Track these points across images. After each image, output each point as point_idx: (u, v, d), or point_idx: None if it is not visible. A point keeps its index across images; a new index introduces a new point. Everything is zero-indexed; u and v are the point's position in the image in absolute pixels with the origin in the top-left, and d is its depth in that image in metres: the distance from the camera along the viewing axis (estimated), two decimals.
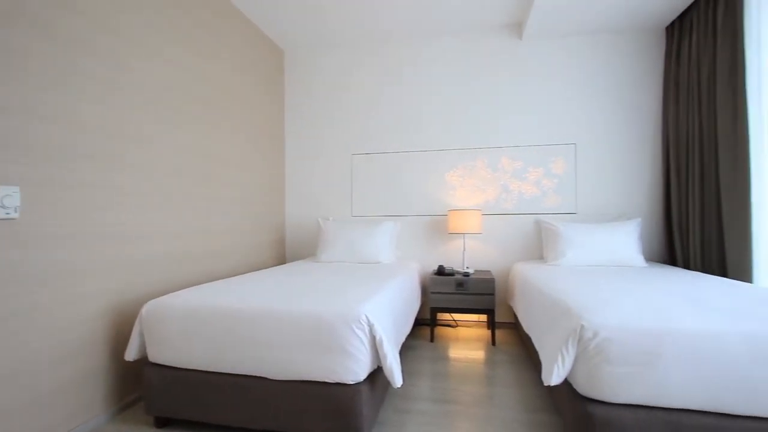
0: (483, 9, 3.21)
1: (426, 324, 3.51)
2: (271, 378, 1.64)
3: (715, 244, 2.61)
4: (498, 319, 3.45)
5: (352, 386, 1.56)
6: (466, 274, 3.11)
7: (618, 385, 1.39)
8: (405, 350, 2.87)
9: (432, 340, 3.12)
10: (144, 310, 1.80)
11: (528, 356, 2.73)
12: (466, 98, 3.57)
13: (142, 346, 1.84)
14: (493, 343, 3.03)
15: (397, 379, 1.59)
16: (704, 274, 2.44)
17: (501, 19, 3.39)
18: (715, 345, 1.33)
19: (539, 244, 3.40)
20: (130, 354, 1.84)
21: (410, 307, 2.64)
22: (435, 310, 3.11)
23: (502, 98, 3.51)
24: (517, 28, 3.48)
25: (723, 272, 2.54)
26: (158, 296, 2.23)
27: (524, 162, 3.45)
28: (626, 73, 3.32)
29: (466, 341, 3.12)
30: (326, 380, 1.57)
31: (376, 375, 1.72)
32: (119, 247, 2.03)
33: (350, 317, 1.56)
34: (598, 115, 3.35)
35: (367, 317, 1.57)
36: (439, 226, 3.60)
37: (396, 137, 3.71)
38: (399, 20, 3.38)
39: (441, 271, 3.19)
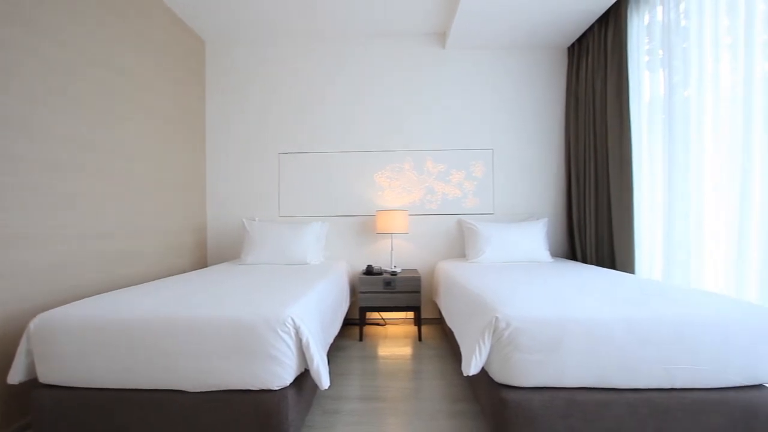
0: (409, 17, 3.33)
1: (355, 324, 3.53)
2: (189, 390, 1.54)
3: (606, 241, 2.99)
4: (424, 315, 3.59)
5: (277, 392, 1.53)
6: (394, 273, 3.19)
7: (527, 370, 1.53)
8: (334, 351, 2.87)
9: (361, 339, 3.16)
10: (32, 324, 1.58)
11: (451, 349, 2.88)
12: (394, 101, 3.67)
13: (31, 366, 1.61)
14: (420, 338, 3.15)
15: (324, 381, 1.59)
16: (598, 267, 2.78)
17: (426, 28, 3.54)
18: (604, 330, 1.53)
19: (461, 243, 3.61)
20: (15, 376, 1.59)
21: (339, 307, 2.64)
22: (364, 310, 3.15)
23: (428, 103, 3.66)
24: (441, 37, 3.65)
25: (612, 265, 2.92)
26: (51, 308, 1.97)
27: (447, 165, 3.63)
28: (536, 86, 3.65)
29: (395, 338, 3.20)
30: (250, 388, 1.52)
31: (303, 378, 1.70)
32: (1, 252, 1.75)
33: (275, 321, 1.52)
34: (512, 123, 3.65)
35: (293, 320, 1.54)
36: (368, 227, 3.65)
37: (325, 137, 3.68)
38: (328, 20, 3.36)
39: (369, 271, 3.23)
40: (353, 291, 3.43)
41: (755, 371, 1.54)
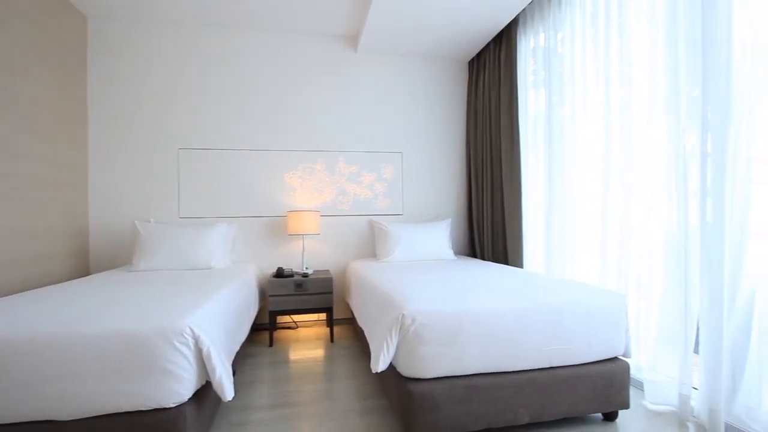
0: (323, 16, 3.31)
1: (265, 328, 3.40)
2: (64, 420, 1.35)
3: (501, 239, 3.31)
4: (337, 316, 3.60)
5: (173, 409, 1.41)
6: (305, 275, 3.15)
7: (431, 362, 1.63)
8: (242, 359, 2.73)
9: (271, 344, 3.05)
10: None
11: (363, 348, 2.93)
12: (306, 100, 3.61)
13: None
14: (332, 340, 3.15)
15: (228, 392, 1.51)
16: (494, 263, 3.07)
17: (339, 30, 3.55)
18: (497, 319, 1.70)
19: (373, 243, 3.70)
20: None
21: (246, 313, 2.52)
22: (274, 313, 3.05)
23: (340, 105, 3.68)
24: (353, 40, 3.70)
25: (506, 261, 3.24)
26: None
27: (359, 166, 3.69)
28: (442, 94, 3.90)
29: (306, 341, 3.16)
30: (140, 408, 1.38)
31: (205, 391, 1.59)
32: None
33: (171, 331, 1.40)
34: (420, 128, 3.84)
35: (191, 330, 1.44)
36: (279, 228, 3.54)
37: (232, 133, 3.48)
38: (237, 10, 3.19)
39: (280, 273, 3.14)
40: (263, 295, 3.31)
41: (612, 347, 1.85)
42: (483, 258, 3.58)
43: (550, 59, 2.80)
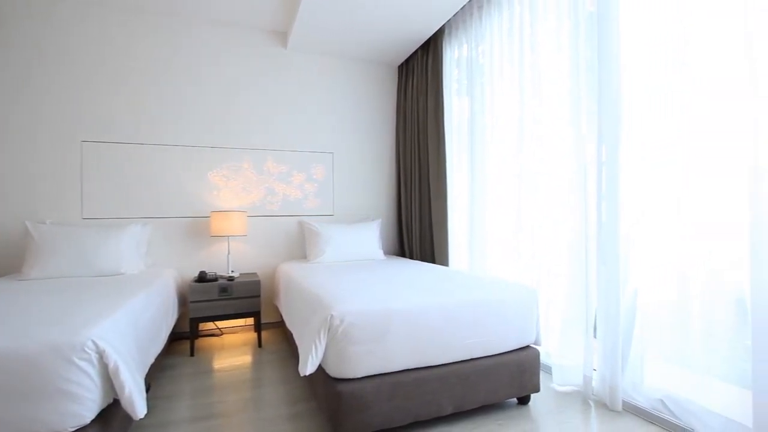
0: (251, 8, 3.18)
1: (186, 337, 3.18)
2: None
3: (428, 239, 3.45)
4: (265, 320, 3.47)
5: None
6: (231, 278, 3.00)
7: (360, 361, 1.65)
8: (158, 372, 2.52)
9: (192, 354, 2.86)
10: None
11: (292, 352, 2.87)
12: (232, 96, 3.43)
13: None
14: (260, 345, 3.04)
15: (139, 409, 1.39)
16: (421, 262, 3.19)
17: (268, 24, 3.44)
18: (423, 316, 1.77)
19: (303, 244, 3.63)
20: None
21: (163, 321, 2.34)
22: (196, 321, 2.86)
23: (270, 102, 3.56)
24: (283, 36, 3.60)
25: (433, 260, 3.38)
26: None
27: (289, 166, 3.61)
28: (374, 97, 3.95)
29: (232, 348, 3.01)
30: None
31: (113, 410, 1.45)
32: None
33: (69, 347, 1.25)
34: (351, 129, 3.86)
35: (95, 344, 1.30)
36: (201, 229, 3.33)
37: (147, 126, 3.19)
38: None
39: (203, 278, 2.96)
40: (183, 301, 3.08)
41: (525, 336, 2.02)
42: (412, 257, 3.69)
43: (472, 69, 2.97)
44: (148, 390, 2.13)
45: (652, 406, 1.88)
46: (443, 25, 3.22)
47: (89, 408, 1.28)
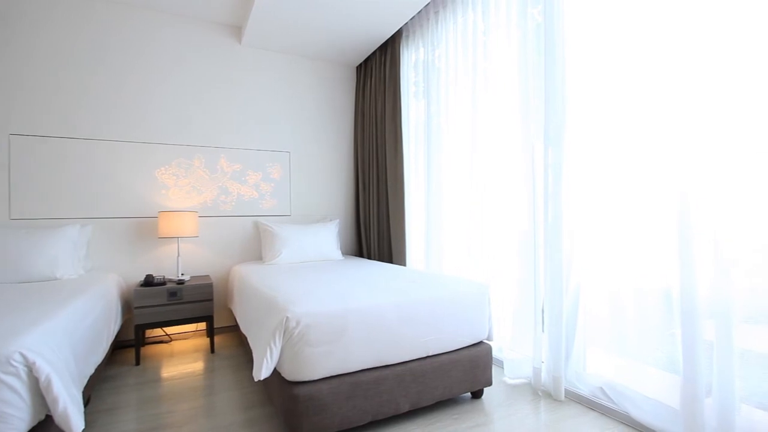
0: (203, 0, 3.05)
1: (131, 345, 2.99)
2: None
3: (386, 239, 3.48)
4: (219, 324, 3.35)
5: None
6: (181, 282, 2.87)
7: (317, 363, 1.63)
8: (99, 383, 2.36)
9: (138, 363, 2.69)
10: None
11: (247, 356, 2.79)
12: (182, 90, 3.27)
13: None
14: (213, 350, 2.93)
15: (75, 425, 1.29)
16: (379, 262, 3.21)
17: (222, 17, 3.31)
18: (379, 315, 1.78)
19: (258, 245, 3.53)
20: None
21: (104, 329, 2.19)
22: (142, 327, 2.70)
23: (224, 98, 3.43)
24: (237, 31, 3.48)
25: (391, 259, 3.41)
26: None
27: (243, 165, 3.50)
28: (332, 96, 3.92)
29: (183, 355, 2.87)
30: None
31: (45, 427, 1.34)
32: None
33: None
34: (309, 129, 3.81)
35: (23, 356, 1.20)
36: (148, 230, 3.15)
37: (88, 120, 2.96)
38: None
39: (149, 282, 2.80)
40: (128, 307, 2.90)
41: (478, 332, 2.09)
42: (370, 257, 3.70)
43: (429, 72, 3.03)
44: (87, 403, 1.99)
45: (592, 393, 2.01)
46: (401, 28, 3.26)
47: (16, 427, 1.18)
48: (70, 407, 1.28)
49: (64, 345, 1.48)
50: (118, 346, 2.96)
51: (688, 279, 1.57)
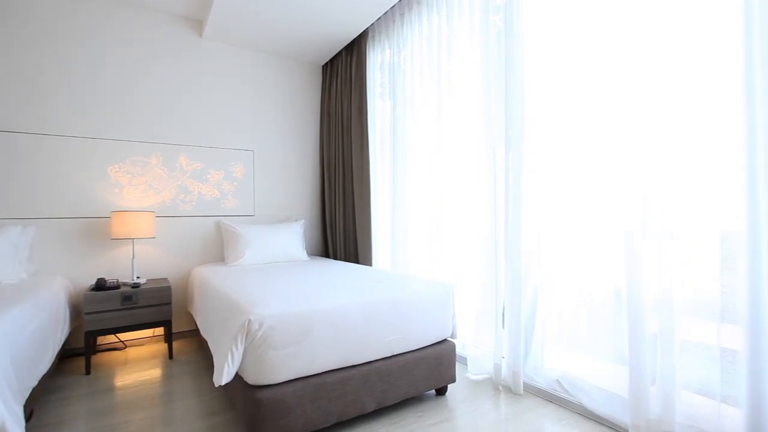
0: None
1: (80, 354, 2.81)
2: None
3: (352, 239, 3.47)
4: (177, 329, 3.21)
5: None
6: (136, 285, 2.73)
7: (281, 366, 1.61)
8: (44, 395, 2.20)
9: (89, 371, 2.54)
10: None
11: (208, 362, 2.70)
12: (138, 84, 3.11)
13: None
14: (171, 356, 2.81)
15: None
16: (345, 262, 3.20)
17: (181, 8, 3.18)
18: (344, 316, 1.78)
19: (221, 246, 3.43)
20: None
21: (49, 337, 2.05)
22: (93, 334, 2.55)
23: (183, 94, 3.30)
24: (198, 24, 3.36)
25: (357, 260, 3.41)
26: None
27: (204, 164, 3.38)
28: (297, 95, 3.87)
29: (138, 362, 2.74)
30: None
31: None
32: None
33: None
34: (273, 127, 3.73)
35: None
36: (100, 231, 2.97)
37: (28, 112, 2.75)
38: None
39: (101, 286, 2.64)
40: (77, 313, 2.73)
41: (442, 330, 2.13)
42: (336, 258, 3.68)
43: (394, 74, 3.06)
44: (29, 418, 1.86)
45: (550, 386, 2.10)
46: (367, 29, 3.27)
47: None
48: (8, 423, 1.19)
49: (3, 356, 1.37)
50: (66, 355, 2.78)
51: (634, 277, 1.68)
